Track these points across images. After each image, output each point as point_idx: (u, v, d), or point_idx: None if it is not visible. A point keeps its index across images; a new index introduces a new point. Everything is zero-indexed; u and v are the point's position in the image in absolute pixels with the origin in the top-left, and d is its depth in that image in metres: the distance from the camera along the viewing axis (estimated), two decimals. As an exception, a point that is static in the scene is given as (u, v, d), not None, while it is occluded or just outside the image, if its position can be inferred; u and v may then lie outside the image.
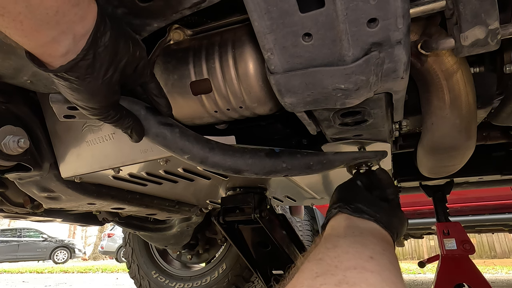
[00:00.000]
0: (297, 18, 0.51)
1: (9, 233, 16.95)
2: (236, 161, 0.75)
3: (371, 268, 0.53)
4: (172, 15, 0.65)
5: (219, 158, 0.73)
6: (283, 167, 0.80)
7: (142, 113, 0.72)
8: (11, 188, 1.34)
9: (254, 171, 0.77)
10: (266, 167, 0.78)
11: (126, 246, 3.29)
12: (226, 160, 0.74)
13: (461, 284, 2.08)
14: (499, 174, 1.91)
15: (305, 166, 0.83)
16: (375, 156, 0.92)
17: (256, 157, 0.77)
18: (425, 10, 0.58)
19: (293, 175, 0.83)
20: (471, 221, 3.99)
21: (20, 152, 0.97)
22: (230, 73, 0.80)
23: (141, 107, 0.73)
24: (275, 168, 0.79)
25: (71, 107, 0.70)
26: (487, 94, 0.97)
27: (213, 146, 0.75)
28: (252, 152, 0.77)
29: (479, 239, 12.03)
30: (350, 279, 0.50)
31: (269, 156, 0.78)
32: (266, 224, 1.58)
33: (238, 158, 0.75)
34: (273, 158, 0.79)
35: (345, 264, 0.54)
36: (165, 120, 0.74)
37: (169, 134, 0.72)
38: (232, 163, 0.75)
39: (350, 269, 0.53)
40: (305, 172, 0.85)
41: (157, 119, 0.73)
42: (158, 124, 0.72)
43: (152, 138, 0.73)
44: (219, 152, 0.74)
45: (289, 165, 0.80)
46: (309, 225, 4.74)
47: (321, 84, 0.61)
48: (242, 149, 0.77)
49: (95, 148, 1.07)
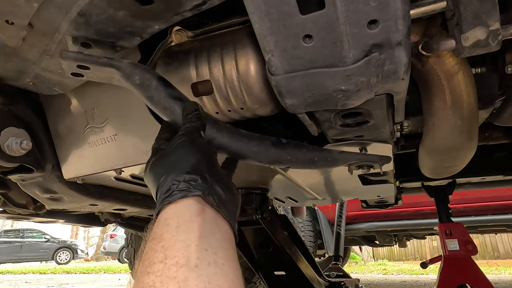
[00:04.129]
0: (297, 20, 0.52)
1: (12, 234, 17.00)
2: (242, 146, 0.73)
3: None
4: (173, 17, 0.66)
5: (226, 141, 0.71)
6: (287, 159, 0.78)
7: (154, 83, 0.69)
8: (14, 189, 1.35)
9: (258, 158, 0.75)
10: (270, 156, 0.77)
11: (128, 247, 3.30)
12: (232, 143, 0.72)
13: (463, 285, 2.08)
14: (501, 174, 1.91)
15: (309, 160, 0.82)
16: (379, 161, 0.92)
17: (262, 145, 0.75)
18: (425, 11, 0.58)
19: (295, 168, 0.82)
20: (473, 222, 3.98)
21: (22, 153, 0.98)
22: (231, 75, 0.80)
23: (153, 77, 0.70)
24: (279, 159, 0.78)
25: (81, 66, 0.69)
26: (488, 95, 0.97)
27: (221, 127, 0.72)
28: (259, 139, 0.76)
29: (482, 239, 11.98)
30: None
31: (275, 145, 0.77)
32: (268, 225, 1.58)
33: (245, 143, 0.73)
34: (279, 148, 0.77)
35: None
36: (176, 94, 0.70)
37: (178, 109, 0.68)
38: (237, 147, 0.73)
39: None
40: (308, 167, 0.84)
41: (168, 92, 0.69)
42: (168, 97, 0.68)
43: (160, 111, 0.70)
44: (226, 134, 0.72)
45: (293, 158, 0.79)
46: (311, 225, 4.74)
47: (322, 86, 0.61)
48: (250, 135, 0.75)
49: (97, 150, 1.07)
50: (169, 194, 0.52)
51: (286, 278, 1.76)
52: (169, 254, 0.45)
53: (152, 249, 0.47)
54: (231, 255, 0.50)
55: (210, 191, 0.54)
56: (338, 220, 3.39)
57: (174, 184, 0.53)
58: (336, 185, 1.60)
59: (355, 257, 11.95)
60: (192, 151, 0.59)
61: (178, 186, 0.53)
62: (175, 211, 0.51)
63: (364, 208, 2.49)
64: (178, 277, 0.41)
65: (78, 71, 0.71)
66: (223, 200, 0.55)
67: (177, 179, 0.54)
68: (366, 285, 5.60)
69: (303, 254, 1.82)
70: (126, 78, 0.71)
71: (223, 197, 0.55)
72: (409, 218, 4.26)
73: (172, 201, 0.52)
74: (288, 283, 1.76)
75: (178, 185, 0.53)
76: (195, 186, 0.53)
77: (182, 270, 0.42)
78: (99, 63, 0.69)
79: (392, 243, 4.97)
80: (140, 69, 0.70)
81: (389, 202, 2.32)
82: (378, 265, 10.74)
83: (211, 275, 0.43)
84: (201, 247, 0.46)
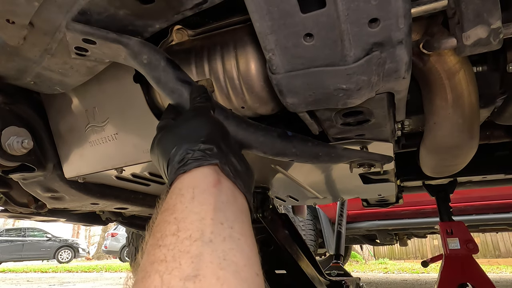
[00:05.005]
0: (298, 19, 0.52)
1: (13, 232, 17.06)
2: (248, 135, 0.71)
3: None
4: (173, 16, 0.65)
5: (233, 129, 0.69)
6: (292, 152, 0.78)
7: (162, 64, 0.67)
8: (16, 189, 1.35)
9: (263, 149, 0.74)
10: (275, 148, 0.75)
11: (129, 246, 3.31)
12: (238, 131, 0.69)
13: (464, 283, 2.08)
14: (502, 173, 1.90)
15: (314, 155, 0.81)
16: (381, 160, 0.92)
17: (268, 136, 0.74)
18: (426, 10, 0.58)
19: (299, 161, 0.82)
20: (474, 221, 3.98)
21: (24, 152, 0.98)
22: (232, 73, 0.80)
23: (161, 57, 0.68)
24: (284, 151, 0.77)
25: (87, 40, 0.67)
26: (490, 93, 0.97)
27: (228, 114, 0.70)
28: (265, 130, 0.74)
29: (483, 238, 11.97)
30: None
31: (281, 137, 0.76)
32: (269, 223, 1.58)
33: (251, 132, 0.71)
34: (285, 140, 0.77)
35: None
36: (184, 77, 0.68)
37: (186, 93, 0.66)
38: (243, 137, 0.70)
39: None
40: (311, 161, 0.83)
41: (176, 74, 0.67)
42: (176, 80, 0.67)
43: (167, 93, 0.68)
44: (234, 121, 0.69)
45: (298, 151, 0.78)
46: (312, 224, 4.75)
47: (323, 84, 0.61)
48: (257, 125, 0.74)
49: (98, 149, 1.07)
50: (183, 163, 0.49)
51: (287, 277, 1.77)
52: (182, 226, 0.42)
53: (164, 221, 0.44)
54: (248, 230, 0.47)
55: (227, 160, 0.51)
56: (339, 219, 3.39)
57: (188, 153, 0.50)
58: (337, 184, 1.60)
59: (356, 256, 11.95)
60: (205, 123, 0.56)
61: (193, 155, 0.49)
62: (190, 181, 0.48)
63: (365, 207, 2.49)
64: (192, 251, 0.39)
65: (83, 45, 0.68)
66: (239, 171, 0.52)
67: (192, 149, 0.50)
68: (367, 284, 5.60)
69: (304, 253, 1.83)
70: (133, 57, 0.69)
71: (238, 168, 0.52)
72: (410, 217, 4.26)
73: (187, 170, 0.49)
74: (289, 282, 1.77)
75: (193, 154, 0.50)
76: (211, 155, 0.50)
77: (196, 245, 0.40)
78: (107, 38, 0.67)
79: (393, 242, 4.97)
80: (149, 48, 0.69)
81: (390, 201, 2.32)
82: (379, 264, 10.74)
83: (226, 251, 0.40)
84: (217, 221, 0.43)
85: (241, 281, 0.38)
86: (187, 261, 0.38)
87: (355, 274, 6.82)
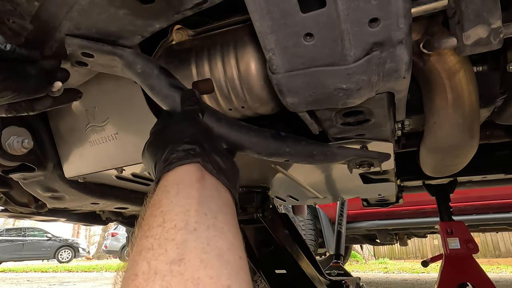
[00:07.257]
0: (298, 19, 0.51)
1: (13, 232, 17.06)
2: (241, 136, 0.73)
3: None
4: (173, 16, 0.65)
5: (225, 130, 0.71)
6: (286, 151, 0.78)
7: (155, 72, 0.71)
8: (16, 188, 1.35)
9: (257, 150, 0.76)
10: (269, 148, 0.77)
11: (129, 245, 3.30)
12: (231, 133, 0.72)
13: (464, 283, 2.08)
14: (503, 173, 1.90)
15: (308, 154, 0.82)
16: (378, 157, 0.92)
17: (261, 137, 0.76)
18: (427, 10, 0.58)
19: (294, 161, 0.82)
20: (475, 220, 3.98)
21: (24, 152, 0.98)
22: (232, 73, 0.80)
23: (155, 66, 0.71)
24: (278, 151, 0.78)
25: (85, 53, 0.70)
26: (490, 93, 0.97)
27: (220, 117, 0.73)
28: (257, 131, 0.76)
29: (483, 238, 11.97)
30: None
31: (274, 137, 0.77)
32: (269, 223, 1.58)
33: (244, 134, 0.73)
34: (278, 140, 0.77)
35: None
36: (176, 83, 0.71)
37: (178, 98, 0.69)
38: (236, 138, 0.73)
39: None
40: (306, 161, 0.83)
41: (169, 81, 0.71)
42: (169, 86, 0.70)
43: (161, 99, 0.71)
44: (225, 124, 0.72)
45: (292, 151, 0.79)
46: (312, 224, 4.75)
47: (323, 84, 0.61)
48: (249, 126, 0.76)
49: (98, 148, 1.07)
50: (168, 162, 0.53)
51: (287, 276, 1.77)
52: (168, 218, 0.44)
53: (151, 215, 0.47)
54: (231, 219, 0.49)
55: (209, 158, 0.54)
56: (339, 219, 3.39)
57: (173, 154, 0.53)
58: (337, 184, 1.60)
59: (356, 256, 11.96)
60: (190, 125, 0.60)
61: (177, 155, 0.53)
62: (175, 178, 0.51)
63: (365, 206, 2.49)
64: (177, 239, 0.41)
65: (82, 59, 0.72)
66: (222, 168, 0.55)
67: (176, 149, 0.54)
68: (367, 283, 5.60)
69: (304, 253, 1.83)
70: (128, 67, 0.72)
71: (222, 165, 0.55)
72: (410, 216, 4.26)
73: (171, 169, 0.52)
74: (289, 282, 1.77)
75: (177, 154, 0.53)
76: (193, 154, 0.53)
77: (181, 233, 0.42)
78: (102, 50, 0.70)
79: (393, 241, 4.97)
80: (142, 58, 0.72)
81: (390, 201, 2.32)
82: (379, 264, 10.75)
83: (210, 237, 0.43)
84: (200, 212, 0.45)
85: (224, 262, 0.40)
86: (173, 248, 0.40)
87: (355, 273, 6.82)
